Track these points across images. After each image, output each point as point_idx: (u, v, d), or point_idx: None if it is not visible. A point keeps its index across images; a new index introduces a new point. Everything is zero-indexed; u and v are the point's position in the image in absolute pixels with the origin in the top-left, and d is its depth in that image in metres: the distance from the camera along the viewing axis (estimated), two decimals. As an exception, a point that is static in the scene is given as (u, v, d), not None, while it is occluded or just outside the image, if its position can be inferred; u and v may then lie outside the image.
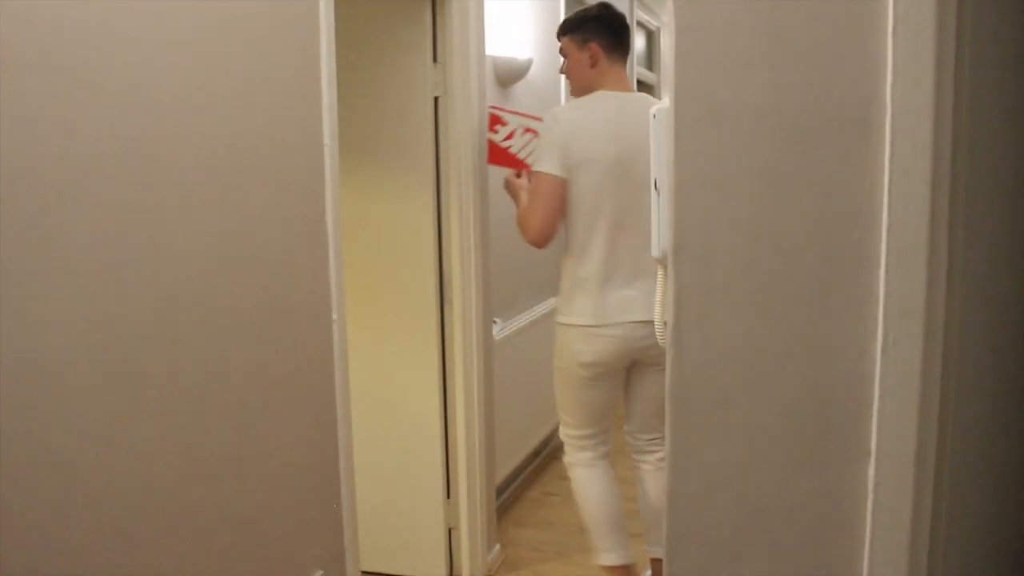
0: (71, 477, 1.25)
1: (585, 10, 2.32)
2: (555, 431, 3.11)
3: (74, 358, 1.25)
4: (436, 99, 2.56)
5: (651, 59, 5.54)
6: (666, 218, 1.16)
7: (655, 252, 1.25)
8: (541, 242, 2.20)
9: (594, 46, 2.26)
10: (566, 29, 2.31)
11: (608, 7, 2.32)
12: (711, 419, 1.06)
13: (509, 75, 3.21)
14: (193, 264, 1.50)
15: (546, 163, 2.18)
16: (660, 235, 1.22)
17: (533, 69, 3.39)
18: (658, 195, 1.21)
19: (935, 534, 1.01)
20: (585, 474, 2.30)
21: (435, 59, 2.55)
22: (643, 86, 5.28)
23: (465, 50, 2.56)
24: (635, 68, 4.86)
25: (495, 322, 2.86)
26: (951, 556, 1.04)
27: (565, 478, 3.48)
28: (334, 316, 1.97)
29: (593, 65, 2.27)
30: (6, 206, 1.13)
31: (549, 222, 2.18)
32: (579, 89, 2.32)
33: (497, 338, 2.89)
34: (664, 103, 1.21)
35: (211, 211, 1.55)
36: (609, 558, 2.28)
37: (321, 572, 1.92)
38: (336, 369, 1.99)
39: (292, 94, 1.80)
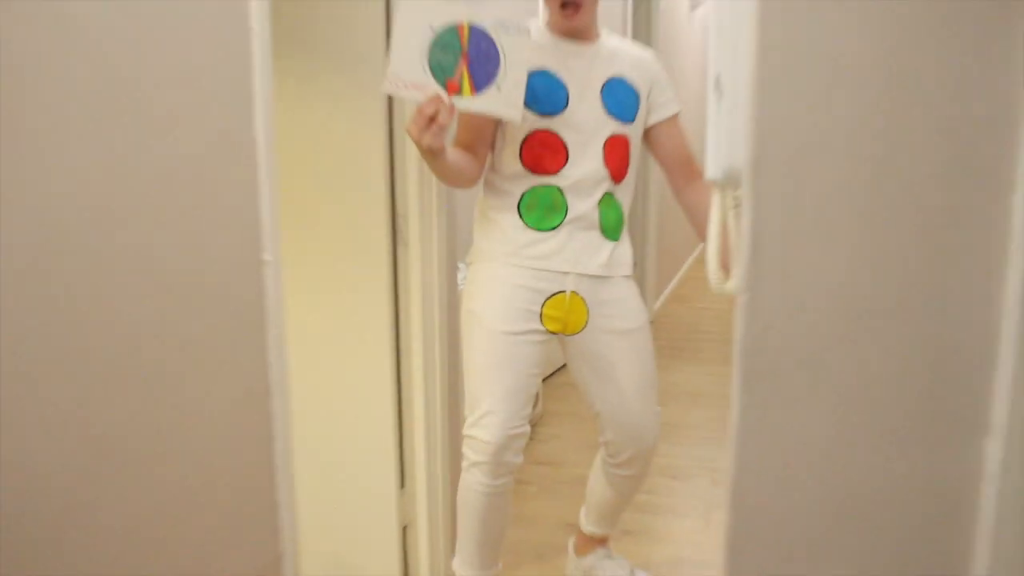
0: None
1: None
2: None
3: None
4: (389, -22, 2.47)
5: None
6: (733, 127, 1.13)
7: (711, 172, 1.21)
8: None
9: None
10: None
11: None
12: (792, 383, 1.05)
13: (476, -47, 3.11)
14: (81, 192, 1.41)
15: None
16: (721, 149, 1.18)
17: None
18: (719, 97, 1.17)
19: (1067, 526, 1.02)
20: None
21: (388, -71, 2.45)
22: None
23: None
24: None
25: (459, 268, 2.81)
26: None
27: (543, 463, 3.53)
28: (266, 256, 1.90)
29: None
30: None
31: None
32: (588, 18, 2.26)
33: (463, 287, 2.85)
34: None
35: (105, 114, 1.45)
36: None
37: (252, 583, 1.89)
38: (269, 324, 1.93)
39: (214, -37, 1.71)
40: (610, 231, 2.27)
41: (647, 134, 2.36)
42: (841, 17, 0.99)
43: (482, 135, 2.25)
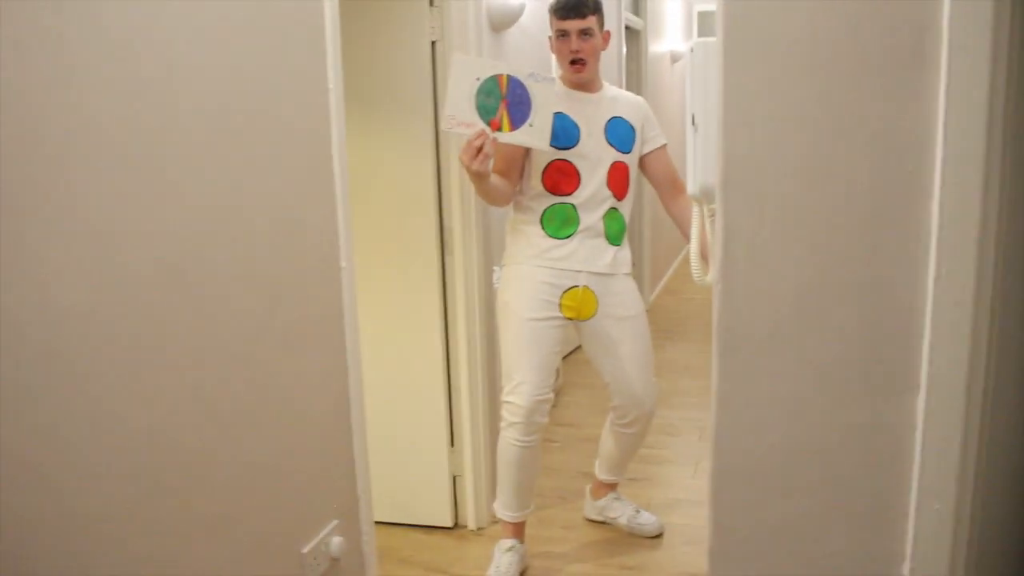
0: (95, 431, 1.23)
1: None
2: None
3: (90, 313, 1.21)
4: (433, 44, 2.49)
5: (638, 5, 5.45)
6: (706, 154, 1.14)
7: (691, 189, 1.24)
8: None
9: (607, 31, 2.32)
10: (597, 8, 2.27)
11: None
12: (760, 354, 1.06)
13: (502, 20, 3.14)
14: (203, 215, 1.46)
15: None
16: (697, 171, 1.20)
17: (524, 15, 3.32)
18: (695, 131, 1.19)
19: (982, 466, 1.02)
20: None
21: (432, 3, 2.48)
22: (630, 32, 5.22)
23: (462, -8, 2.49)
24: (622, 14, 4.78)
25: (495, 270, 2.84)
26: (997, 487, 1.06)
27: (564, 425, 3.54)
28: (343, 263, 1.94)
29: (603, 50, 2.31)
30: (19, 164, 1.08)
31: None
32: (592, 72, 2.29)
33: (497, 286, 2.87)
34: (698, 39, 1.18)
35: (219, 159, 1.50)
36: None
37: (336, 522, 1.92)
38: (346, 317, 1.97)
39: (296, 39, 1.74)
40: (613, 238, 2.30)
41: (641, 161, 2.39)
42: (788, 66, 1.01)
43: (514, 164, 2.29)
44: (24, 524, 1.10)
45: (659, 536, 2.57)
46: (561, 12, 2.23)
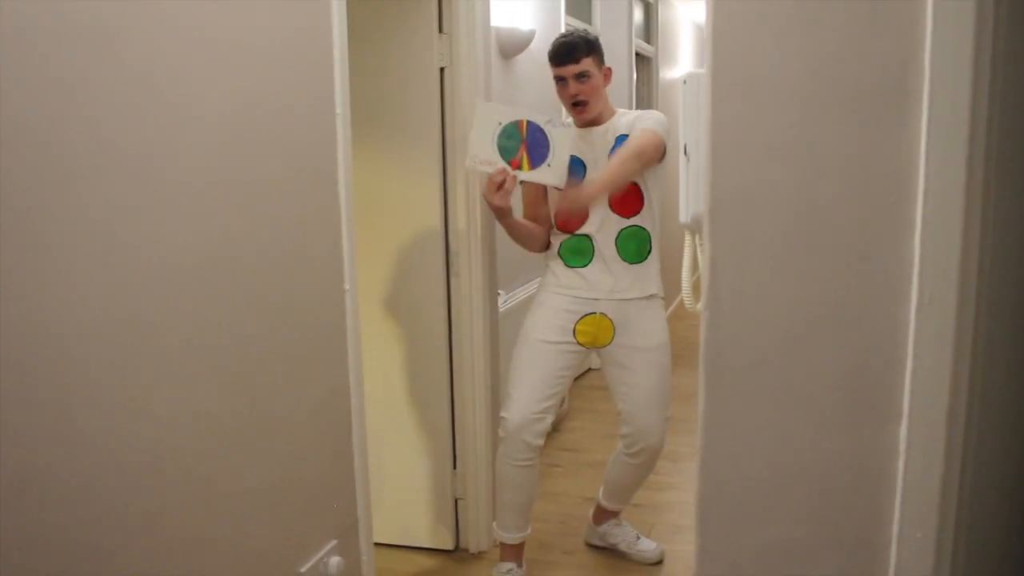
0: (97, 447, 1.26)
1: (585, 32, 2.36)
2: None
3: (94, 331, 1.25)
4: (442, 70, 2.54)
5: (649, 31, 5.51)
6: (698, 184, 1.17)
7: (683, 218, 1.26)
8: None
9: (607, 68, 2.37)
10: (591, 49, 2.31)
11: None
12: (745, 382, 1.08)
13: (512, 47, 3.20)
14: (208, 235, 1.50)
15: None
16: (689, 201, 1.23)
17: (535, 41, 3.37)
18: (687, 161, 1.22)
19: (964, 494, 1.04)
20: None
21: (440, 29, 2.53)
22: (641, 59, 5.27)
23: (471, 20, 2.54)
24: (633, 40, 4.84)
25: (500, 294, 2.87)
26: (977, 516, 1.07)
27: (568, 450, 3.54)
28: (347, 286, 1.98)
29: (606, 86, 2.36)
30: (28, 180, 1.12)
31: None
32: (596, 110, 2.34)
33: (502, 310, 2.90)
34: (691, 70, 1.21)
35: (225, 182, 1.54)
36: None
37: (336, 541, 1.94)
38: (349, 339, 2.00)
39: (304, 64, 1.79)
40: (631, 256, 2.35)
41: None
42: (774, 99, 1.04)
43: (539, 208, 2.41)
44: (22, 540, 1.13)
45: (660, 563, 2.57)
46: (555, 59, 2.30)
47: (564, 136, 2.24)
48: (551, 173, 2.23)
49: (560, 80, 2.30)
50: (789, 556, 1.10)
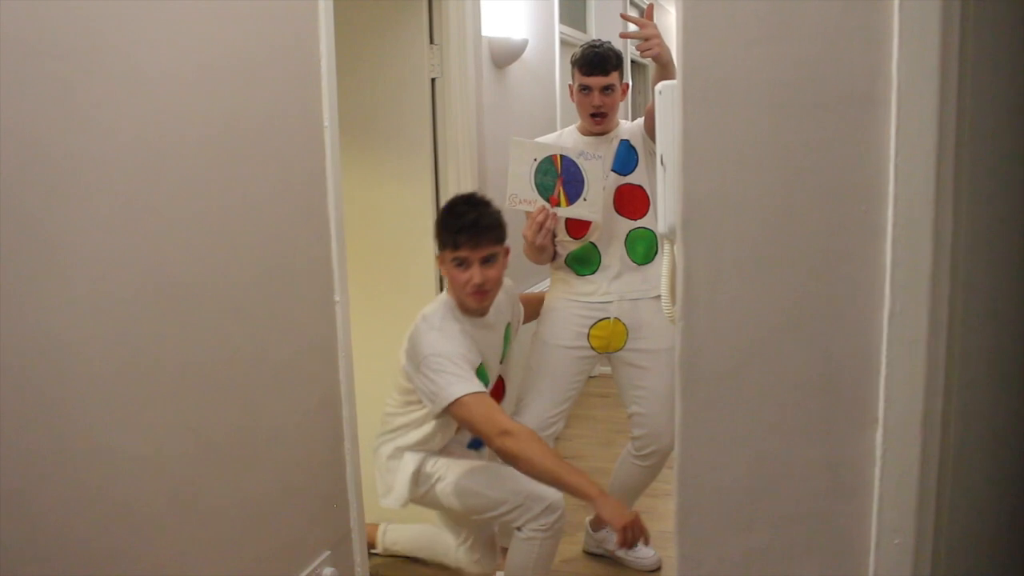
0: (85, 462, 1.27)
1: (611, 45, 2.39)
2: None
3: (85, 345, 1.26)
4: (433, 81, 2.56)
5: (644, 39, 5.52)
6: (673, 193, 1.18)
7: (661, 227, 1.27)
8: None
9: (625, 84, 2.42)
10: (619, 63, 2.37)
11: None
12: (721, 390, 1.09)
13: (504, 56, 3.21)
14: (198, 249, 1.51)
15: None
16: (666, 210, 1.24)
17: (528, 50, 3.39)
18: (664, 171, 1.23)
19: (941, 500, 1.04)
20: None
21: (431, 40, 2.55)
22: (636, 66, 5.29)
23: (461, 31, 2.56)
24: (629, 50, 4.86)
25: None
26: (957, 522, 1.07)
27: (567, 457, 3.54)
28: (337, 298, 1.99)
29: (621, 100, 2.41)
30: (12, 197, 1.13)
31: None
32: (612, 123, 2.39)
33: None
34: (666, 80, 1.22)
35: (214, 195, 1.55)
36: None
37: (328, 553, 1.94)
38: (339, 351, 2.01)
39: (292, 76, 1.81)
40: (639, 258, 2.38)
41: None
42: (745, 109, 1.05)
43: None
44: (13, 555, 1.14)
45: (657, 571, 2.57)
46: (585, 68, 2.33)
47: (596, 168, 2.27)
48: (587, 208, 2.28)
49: (585, 88, 2.33)
50: (768, 563, 1.10)
